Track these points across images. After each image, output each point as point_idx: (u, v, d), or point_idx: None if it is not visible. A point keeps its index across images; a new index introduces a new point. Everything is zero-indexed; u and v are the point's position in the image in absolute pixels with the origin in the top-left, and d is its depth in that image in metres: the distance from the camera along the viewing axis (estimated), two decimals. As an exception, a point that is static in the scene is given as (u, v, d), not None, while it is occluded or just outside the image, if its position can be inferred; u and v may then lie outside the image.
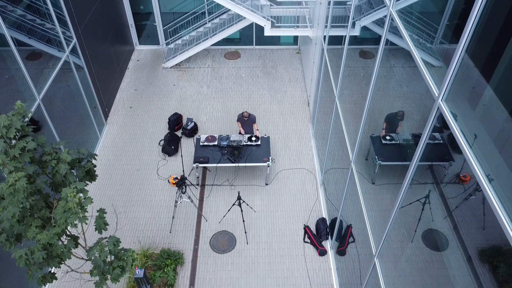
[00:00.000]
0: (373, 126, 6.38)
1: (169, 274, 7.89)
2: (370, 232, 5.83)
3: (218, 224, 8.98)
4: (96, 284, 4.67)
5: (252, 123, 9.72)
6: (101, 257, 4.09)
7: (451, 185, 4.01)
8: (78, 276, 7.73)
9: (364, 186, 6.93)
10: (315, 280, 8.06)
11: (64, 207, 3.69)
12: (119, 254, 4.42)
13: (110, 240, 4.19)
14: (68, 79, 9.70)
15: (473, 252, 3.65)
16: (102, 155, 10.45)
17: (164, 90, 12.46)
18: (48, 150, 4.12)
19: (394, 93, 6.08)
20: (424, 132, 4.16)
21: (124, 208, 9.26)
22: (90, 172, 4.46)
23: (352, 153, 6.90)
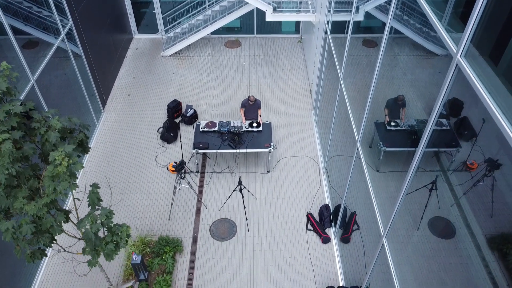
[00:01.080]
0: (377, 113, 6.18)
1: (167, 261, 7.62)
2: (377, 213, 5.57)
3: (218, 212, 8.71)
4: (89, 263, 4.40)
5: (257, 108, 9.44)
6: (93, 230, 3.82)
7: (458, 173, 3.85)
8: (71, 257, 7.47)
9: (369, 173, 6.78)
10: (319, 268, 7.79)
11: (52, 172, 3.41)
12: (113, 229, 4.15)
13: (102, 212, 3.91)
14: (65, 67, 9.50)
15: (481, 239, 3.53)
16: (99, 142, 10.19)
17: (163, 78, 12.20)
18: (37, 117, 3.85)
19: (398, 81, 5.95)
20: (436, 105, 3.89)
21: (122, 195, 8.99)
22: (82, 143, 4.20)
23: (358, 134, 6.63)
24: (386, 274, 5.36)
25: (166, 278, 7.39)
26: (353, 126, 6.89)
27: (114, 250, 4.14)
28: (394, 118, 5.94)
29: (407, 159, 5.15)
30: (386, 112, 6.02)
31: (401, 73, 5.82)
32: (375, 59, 5.83)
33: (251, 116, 9.50)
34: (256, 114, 9.49)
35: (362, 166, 6.33)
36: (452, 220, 4.01)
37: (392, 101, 5.99)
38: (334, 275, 7.70)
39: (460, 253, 3.83)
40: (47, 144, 3.79)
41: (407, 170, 4.54)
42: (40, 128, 3.80)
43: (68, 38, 9.36)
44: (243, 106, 9.46)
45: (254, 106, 9.36)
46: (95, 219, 3.85)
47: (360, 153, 6.43)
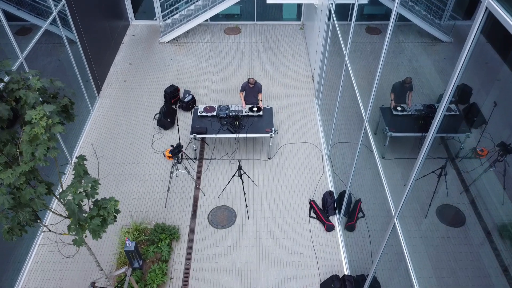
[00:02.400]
0: (382, 100, 5.94)
1: (163, 249, 7.23)
2: (388, 193, 5.18)
3: (217, 199, 8.33)
4: (75, 242, 4.01)
5: (257, 92, 9.05)
6: (75, 201, 3.43)
7: (466, 160, 3.72)
8: (57, 238, 7.09)
9: (373, 161, 6.40)
10: (322, 257, 7.41)
11: (29, 134, 3.03)
12: (99, 202, 3.77)
13: (87, 181, 3.53)
14: (59, 53, 9.15)
15: (492, 228, 3.42)
16: (93, 128, 9.80)
17: (160, 64, 11.81)
18: (15, 78, 3.47)
19: (403, 68, 5.67)
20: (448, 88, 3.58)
21: (116, 182, 8.60)
22: (66, 109, 3.81)
23: (365, 112, 6.25)
24: (398, 255, 4.99)
25: (161, 266, 7.01)
26: (359, 103, 6.51)
27: (101, 226, 3.75)
28: (400, 102, 5.72)
29: (414, 145, 4.98)
30: (392, 97, 5.80)
31: (406, 60, 5.64)
32: (380, 46, 5.60)
33: (251, 100, 9.12)
34: (256, 98, 9.11)
35: (370, 144, 5.95)
36: (462, 208, 3.79)
37: (398, 84, 5.75)
38: (339, 263, 7.33)
39: (470, 242, 3.65)
40: (25, 106, 3.40)
41: (414, 157, 4.34)
42: (18, 90, 3.41)
43: (62, 24, 9.03)
44: (242, 90, 9.07)
45: (254, 89, 8.97)
46: (77, 188, 3.46)
47: (368, 131, 6.05)
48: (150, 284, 6.78)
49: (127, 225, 7.80)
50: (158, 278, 6.84)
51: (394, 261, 5.68)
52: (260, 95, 9.09)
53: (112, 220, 3.85)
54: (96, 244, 7.52)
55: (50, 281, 7.01)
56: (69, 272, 7.13)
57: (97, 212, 3.74)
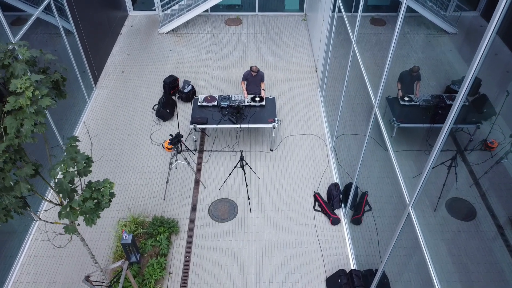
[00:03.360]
0: (388, 90, 5.73)
1: (162, 242, 6.92)
2: (402, 181, 4.88)
3: (217, 191, 8.01)
4: (66, 229, 3.69)
5: (260, 81, 8.73)
6: (66, 179, 3.12)
7: (476, 153, 3.63)
8: (47, 228, 6.77)
9: (379, 153, 6.14)
10: (328, 251, 7.10)
11: (13, 105, 2.71)
12: (92, 184, 3.45)
13: (79, 158, 3.20)
14: (56, 44, 8.85)
15: (504, 221, 3.31)
16: (90, 119, 9.48)
17: (159, 55, 11.49)
18: (1, 48, 3.15)
19: (409, 60, 5.45)
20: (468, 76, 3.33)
21: (113, 174, 8.29)
22: (58, 85, 3.50)
23: (375, 98, 5.95)
24: (408, 249, 4.70)
25: (160, 260, 6.69)
26: (368, 88, 6.21)
27: (94, 210, 3.44)
28: (407, 92, 5.50)
29: (423, 137, 4.86)
30: (399, 86, 5.55)
31: (412, 51, 5.43)
32: (385, 37, 5.54)
33: (254, 89, 8.80)
34: (259, 87, 8.79)
35: (380, 132, 5.65)
36: (472, 201, 3.67)
37: (406, 73, 5.51)
38: (345, 258, 7.02)
39: (482, 236, 3.51)
40: (12, 79, 3.08)
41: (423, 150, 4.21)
42: (4, 59, 3.09)
43: (59, 14, 8.74)
44: (244, 79, 8.76)
45: (257, 78, 8.66)
46: (69, 165, 3.14)
47: (378, 117, 5.74)
48: (148, 279, 6.47)
49: (124, 218, 7.48)
50: (157, 273, 6.53)
51: (403, 255, 5.42)
52: (262, 84, 8.77)
53: (107, 204, 3.54)
54: (91, 237, 7.21)
55: (43, 275, 6.69)
56: (63, 266, 6.81)
57: (90, 194, 3.42)
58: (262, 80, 8.72)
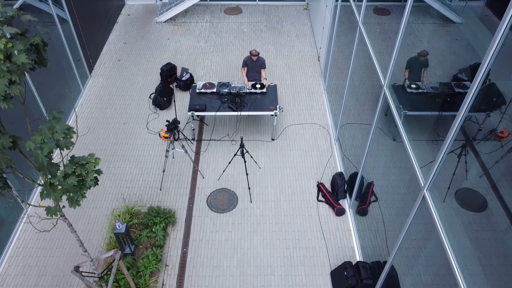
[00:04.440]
0: (393, 79, 5.50)
1: (157, 233, 6.57)
2: (415, 163, 4.54)
3: (216, 181, 7.66)
4: (48, 211, 3.34)
5: (260, 67, 8.37)
6: (44, 151, 2.76)
7: (485, 142, 3.50)
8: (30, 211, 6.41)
9: (385, 142, 5.97)
10: (332, 243, 6.76)
11: (-20, 60, 2.37)
12: (75, 159, 3.10)
13: (58, 128, 2.84)
14: (50, 32, 8.52)
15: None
16: (84, 108, 9.13)
17: (157, 43, 11.13)
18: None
19: (414, 49, 5.20)
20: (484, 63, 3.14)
21: (107, 163, 7.93)
22: (38, 50, 3.15)
23: (384, 78, 5.60)
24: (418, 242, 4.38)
25: (155, 252, 6.34)
26: (377, 68, 5.87)
27: (78, 189, 3.08)
28: (415, 80, 5.23)
29: (429, 126, 4.73)
30: (406, 75, 5.27)
31: (417, 41, 5.22)
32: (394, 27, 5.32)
33: (254, 76, 8.45)
34: (259, 74, 8.44)
35: (391, 115, 5.30)
36: (483, 192, 3.49)
37: (413, 59, 5.24)
38: (351, 250, 6.67)
39: (493, 228, 3.34)
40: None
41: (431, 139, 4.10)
42: (-25, 17, 2.74)
43: (53, 2, 8.41)
44: (244, 65, 8.40)
45: (257, 63, 8.30)
46: (46, 136, 2.79)
47: (388, 97, 5.40)
48: (143, 271, 6.12)
49: (119, 209, 7.13)
50: (152, 265, 6.18)
51: (412, 248, 5.11)
52: (264, 71, 8.42)
53: (92, 182, 3.18)
54: (84, 228, 6.86)
55: (32, 267, 6.34)
56: (54, 258, 6.46)
57: (73, 170, 3.07)
58: (263, 66, 8.36)
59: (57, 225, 6.78)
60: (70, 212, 7.07)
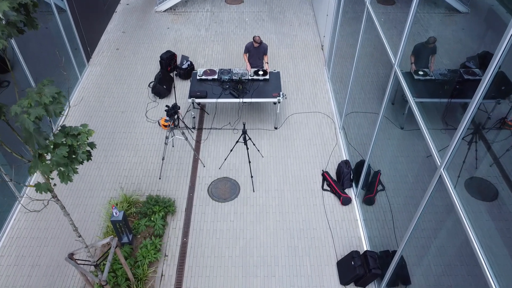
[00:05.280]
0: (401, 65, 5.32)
1: (156, 222, 6.31)
2: (431, 142, 4.28)
3: (218, 170, 7.40)
4: (37, 187, 3.08)
5: (262, 53, 8.12)
6: (31, 117, 2.49)
7: (495, 131, 3.37)
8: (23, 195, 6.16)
9: (392, 131, 5.78)
10: (338, 232, 6.50)
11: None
12: (67, 129, 2.83)
13: (47, 92, 2.56)
14: (48, 21, 8.30)
15: None
16: (81, 96, 8.86)
17: (156, 32, 10.87)
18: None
19: (420, 38, 5.04)
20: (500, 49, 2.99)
21: (105, 152, 7.67)
22: (27, 12, 2.89)
23: (394, 57, 5.35)
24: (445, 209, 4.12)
25: (154, 241, 6.08)
26: (386, 47, 5.61)
27: (69, 162, 2.81)
28: (421, 67, 5.02)
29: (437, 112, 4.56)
30: (412, 60, 5.07)
31: (423, 30, 5.06)
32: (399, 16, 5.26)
33: (256, 62, 8.19)
34: (261, 61, 8.18)
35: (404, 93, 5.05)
36: (493, 181, 3.37)
37: (420, 46, 5.05)
38: (357, 240, 6.41)
39: (505, 217, 3.18)
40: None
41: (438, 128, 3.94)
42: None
43: None
44: (246, 51, 8.15)
45: (260, 50, 8.04)
46: (33, 99, 2.52)
47: (399, 76, 5.14)
48: (141, 261, 5.86)
49: (116, 198, 6.87)
50: (151, 255, 5.92)
51: (422, 238, 4.87)
52: (266, 57, 8.16)
53: (84, 155, 2.91)
54: (80, 217, 6.60)
55: (26, 258, 6.08)
56: (48, 248, 6.20)
57: (63, 140, 2.81)
58: (265, 52, 8.10)
59: (49, 207, 6.53)
60: (66, 201, 6.81)
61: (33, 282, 5.81)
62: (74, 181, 7.09)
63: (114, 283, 5.61)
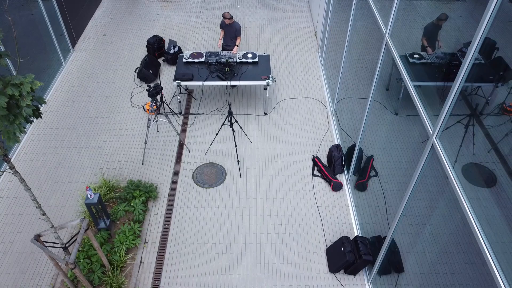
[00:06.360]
0: None
1: (136, 207, 5.98)
2: (423, 110, 3.98)
3: (204, 156, 7.08)
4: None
5: (234, 33, 7.77)
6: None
7: (493, 117, 3.19)
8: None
9: (387, 117, 5.53)
10: (328, 219, 6.17)
11: None
12: (7, 78, 2.50)
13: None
14: (32, 8, 8.00)
15: None
16: (64, 81, 8.54)
17: (145, 19, 10.55)
18: None
19: (417, 25, 4.88)
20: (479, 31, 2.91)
21: (86, 137, 7.34)
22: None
23: (386, 27, 5.03)
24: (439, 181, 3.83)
25: (133, 227, 5.75)
26: (377, 17, 5.30)
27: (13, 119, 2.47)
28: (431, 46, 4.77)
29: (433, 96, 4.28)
30: (425, 43, 4.76)
31: (419, 17, 4.90)
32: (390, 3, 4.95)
33: (227, 42, 7.87)
34: (234, 41, 7.83)
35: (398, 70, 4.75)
36: (491, 167, 3.20)
37: (430, 25, 4.74)
38: (348, 227, 6.09)
39: (504, 204, 3.02)
40: None
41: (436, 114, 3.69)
42: None
43: None
44: (221, 26, 7.83)
45: (231, 30, 7.69)
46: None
47: (391, 47, 4.83)
48: (118, 247, 5.53)
49: (96, 183, 6.55)
50: (129, 240, 5.60)
51: (415, 224, 4.57)
52: (238, 39, 7.82)
53: (30, 110, 2.58)
54: (56, 203, 6.27)
55: (-3, 244, 5.75)
56: (22, 235, 5.88)
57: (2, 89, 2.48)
58: (237, 33, 7.76)
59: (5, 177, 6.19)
60: (43, 186, 6.48)
61: (3, 269, 5.47)
62: (52, 167, 6.78)
63: (88, 270, 5.28)
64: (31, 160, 6.89)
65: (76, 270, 4.41)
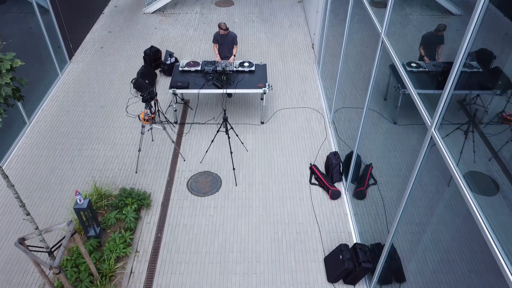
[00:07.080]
0: None
1: (128, 215, 5.79)
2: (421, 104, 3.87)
3: (199, 164, 6.93)
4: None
5: (231, 43, 7.76)
6: None
7: (492, 126, 3.12)
8: None
9: (385, 126, 5.49)
10: (327, 227, 5.97)
11: None
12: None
13: None
14: (30, 22, 8.09)
15: None
16: (60, 91, 8.48)
17: (143, 32, 10.59)
18: None
19: (412, 37, 4.89)
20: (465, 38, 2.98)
21: (80, 145, 7.22)
22: None
23: (381, 26, 4.99)
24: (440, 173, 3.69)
25: (124, 235, 5.55)
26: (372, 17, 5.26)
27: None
28: (430, 57, 4.75)
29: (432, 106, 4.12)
30: (423, 52, 4.73)
31: (416, 31, 4.92)
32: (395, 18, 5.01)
33: (225, 53, 7.86)
34: (231, 51, 7.82)
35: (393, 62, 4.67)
36: (493, 175, 3.09)
37: (429, 35, 4.72)
38: (347, 235, 5.89)
39: (507, 212, 2.88)
40: None
41: None
42: None
43: None
44: (215, 41, 7.81)
45: (228, 39, 7.68)
46: None
47: (387, 46, 4.76)
48: (108, 255, 5.31)
49: (88, 191, 6.38)
50: (119, 249, 5.38)
51: (415, 232, 4.41)
52: (235, 48, 7.80)
53: (9, 90, 2.46)
54: (46, 211, 6.09)
55: (-17, 253, 5.54)
56: (9, 244, 5.66)
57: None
58: (234, 43, 7.75)
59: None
60: (33, 194, 6.31)
61: (-12, 278, 5.26)
62: (43, 175, 6.62)
63: (76, 279, 5.05)
64: (22, 169, 6.74)
65: (61, 275, 4.21)
